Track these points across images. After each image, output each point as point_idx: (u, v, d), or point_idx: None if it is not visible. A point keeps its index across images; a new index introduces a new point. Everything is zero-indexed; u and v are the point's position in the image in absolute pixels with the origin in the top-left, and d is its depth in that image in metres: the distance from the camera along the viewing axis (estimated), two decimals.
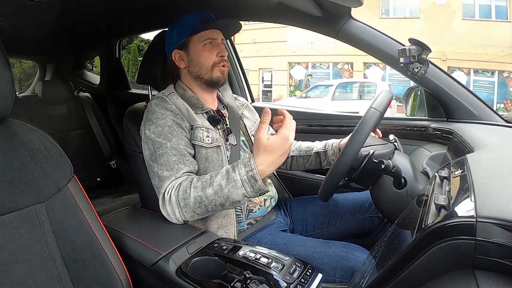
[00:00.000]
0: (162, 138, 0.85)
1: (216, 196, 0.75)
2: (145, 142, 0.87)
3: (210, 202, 0.76)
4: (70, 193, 0.68)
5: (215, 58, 0.93)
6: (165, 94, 0.92)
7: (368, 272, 0.59)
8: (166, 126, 0.86)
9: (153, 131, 0.85)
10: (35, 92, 1.96)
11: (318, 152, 1.07)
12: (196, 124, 0.89)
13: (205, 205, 0.77)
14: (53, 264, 0.64)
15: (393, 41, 1.05)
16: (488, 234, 0.38)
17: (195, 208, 0.78)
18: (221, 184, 0.75)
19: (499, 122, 1.00)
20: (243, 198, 0.75)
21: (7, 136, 0.65)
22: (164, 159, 0.83)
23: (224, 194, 0.75)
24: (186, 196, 0.78)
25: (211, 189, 0.76)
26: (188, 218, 0.81)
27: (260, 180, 0.73)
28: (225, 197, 0.75)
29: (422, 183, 0.80)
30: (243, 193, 0.74)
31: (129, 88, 2.19)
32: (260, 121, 0.76)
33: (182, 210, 0.79)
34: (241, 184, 0.74)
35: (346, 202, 1.04)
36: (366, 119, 0.75)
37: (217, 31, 0.94)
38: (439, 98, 1.07)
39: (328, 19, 1.06)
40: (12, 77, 0.63)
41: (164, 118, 0.86)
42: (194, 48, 0.93)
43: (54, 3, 1.14)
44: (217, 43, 0.94)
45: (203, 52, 0.92)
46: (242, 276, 0.63)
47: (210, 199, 0.76)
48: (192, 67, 0.94)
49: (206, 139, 0.88)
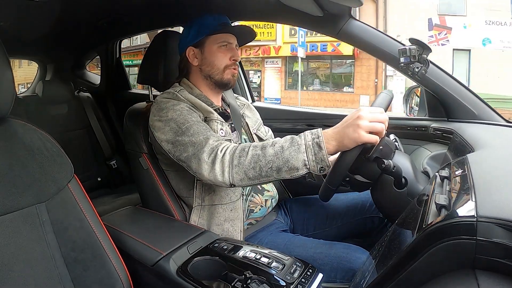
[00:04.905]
0: (183, 116, 0.84)
1: (275, 157, 0.71)
2: (164, 125, 0.84)
3: (267, 163, 0.71)
4: (71, 193, 0.68)
5: (228, 61, 0.94)
6: (176, 90, 0.92)
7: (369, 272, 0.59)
8: (184, 110, 0.86)
9: (172, 115, 0.84)
10: (35, 92, 1.96)
11: None
12: (211, 116, 0.89)
13: (260, 167, 0.72)
14: (53, 264, 0.64)
15: (394, 41, 1.05)
16: (489, 234, 0.38)
17: (249, 169, 0.73)
18: (283, 146, 0.72)
19: (500, 122, 1.00)
20: (302, 166, 0.70)
21: (8, 136, 0.65)
22: (193, 129, 0.81)
23: (285, 156, 0.70)
24: (243, 154, 0.74)
25: (272, 149, 0.72)
26: (237, 181, 0.75)
27: (325, 149, 0.68)
28: (284, 159, 0.70)
29: (422, 183, 0.80)
30: (304, 160, 0.69)
31: (129, 88, 2.19)
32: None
33: (234, 169, 0.74)
34: (305, 148, 0.70)
35: (347, 202, 1.04)
36: None
37: (233, 36, 0.96)
38: (439, 98, 1.07)
39: (329, 19, 1.06)
40: (12, 77, 0.63)
41: (179, 104, 0.87)
42: (210, 48, 0.94)
43: (54, 3, 1.14)
44: (232, 47, 0.96)
45: (218, 53, 0.94)
46: (243, 276, 0.63)
47: (268, 159, 0.71)
48: (204, 65, 0.95)
49: (220, 131, 0.89)
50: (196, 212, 0.90)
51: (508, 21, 9.28)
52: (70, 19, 1.42)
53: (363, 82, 11.04)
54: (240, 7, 1.24)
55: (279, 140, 0.74)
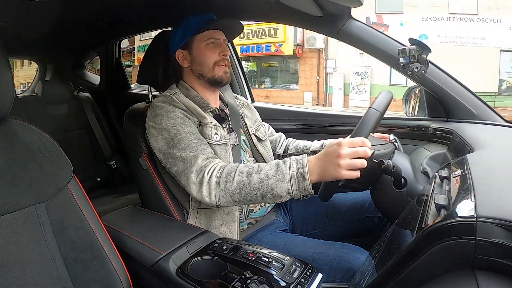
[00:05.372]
0: (176, 126, 0.84)
1: (260, 185, 0.73)
2: (158, 134, 0.86)
3: (252, 190, 0.74)
4: (70, 193, 0.68)
5: (217, 56, 0.94)
6: (171, 93, 0.92)
7: (368, 272, 0.59)
8: (177, 118, 0.86)
9: (165, 123, 0.85)
10: (35, 92, 1.96)
11: (315, 151, 1.07)
12: (205, 121, 0.89)
13: (246, 193, 0.74)
14: (53, 264, 0.64)
15: (393, 41, 1.05)
16: (488, 234, 0.38)
17: (234, 194, 0.75)
18: (268, 174, 0.73)
19: (499, 122, 1.00)
20: (286, 194, 0.73)
21: (7, 136, 0.65)
22: (184, 143, 0.82)
23: (269, 185, 0.73)
24: (229, 179, 0.76)
25: (257, 177, 0.74)
26: (223, 203, 0.78)
27: (308, 180, 0.71)
28: (269, 188, 0.73)
29: (422, 183, 0.80)
30: (288, 189, 0.72)
31: (129, 88, 2.19)
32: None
33: (220, 193, 0.77)
34: (289, 178, 0.72)
35: (346, 202, 1.04)
36: (366, 119, 0.75)
37: (220, 32, 0.96)
38: (439, 98, 1.07)
39: (328, 19, 1.06)
40: (12, 77, 0.63)
41: (174, 111, 0.87)
42: (197, 47, 0.94)
43: (54, 3, 1.14)
44: (220, 43, 0.95)
45: (206, 51, 0.94)
46: (242, 276, 0.63)
47: (253, 186, 0.74)
48: (194, 65, 0.95)
49: (214, 136, 0.89)
50: (193, 215, 0.90)
51: (445, 16, 9.70)
52: (70, 19, 1.42)
53: (306, 80, 11.76)
54: (240, 7, 1.24)
55: (264, 166, 0.76)
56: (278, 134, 1.19)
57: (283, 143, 1.18)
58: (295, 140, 1.17)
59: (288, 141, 1.18)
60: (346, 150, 0.68)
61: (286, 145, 1.17)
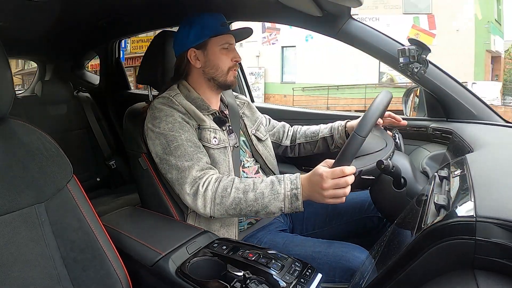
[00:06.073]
0: (174, 131, 0.85)
1: (255, 202, 0.77)
2: (155, 138, 0.86)
3: (247, 207, 0.77)
4: (70, 193, 0.68)
5: (231, 62, 0.94)
6: (171, 95, 0.91)
7: (368, 272, 0.59)
8: (176, 122, 0.86)
9: (163, 127, 0.85)
10: (34, 92, 1.96)
11: (325, 137, 1.08)
12: (204, 124, 0.89)
13: (241, 208, 0.78)
14: (52, 264, 0.64)
15: (393, 41, 1.05)
16: (488, 234, 0.38)
17: (230, 208, 0.78)
18: (263, 193, 0.77)
19: (499, 122, 1.00)
20: (278, 211, 0.77)
21: (7, 136, 0.65)
22: (181, 151, 0.83)
23: (264, 203, 0.76)
24: (225, 194, 0.78)
25: (253, 194, 0.77)
26: (217, 215, 0.81)
27: (301, 200, 0.75)
28: (263, 205, 0.77)
29: (421, 183, 0.80)
30: (281, 207, 0.76)
31: (128, 88, 2.19)
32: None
33: (215, 207, 0.79)
34: (283, 198, 0.76)
35: (346, 202, 1.03)
36: (349, 145, 0.73)
37: (232, 37, 0.95)
38: (438, 98, 1.07)
39: (328, 19, 1.06)
40: (12, 77, 0.63)
41: (172, 115, 0.87)
42: (212, 49, 0.93)
43: (54, 3, 1.14)
44: (233, 48, 0.95)
45: (221, 55, 0.93)
46: (242, 276, 0.63)
47: (248, 203, 0.77)
48: (208, 68, 0.94)
49: (213, 140, 0.89)
50: (192, 216, 0.90)
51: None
52: (70, 19, 1.42)
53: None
54: (240, 7, 1.24)
55: (260, 184, 0.78)
56: (280, 124, 1.18)
57: (289, 133, 1.17)
58: (301, 127, 1.16)
59: (295, 129, 1.17)
60: (328, 183, 0.71)
61: (292, 134, 1.16)
